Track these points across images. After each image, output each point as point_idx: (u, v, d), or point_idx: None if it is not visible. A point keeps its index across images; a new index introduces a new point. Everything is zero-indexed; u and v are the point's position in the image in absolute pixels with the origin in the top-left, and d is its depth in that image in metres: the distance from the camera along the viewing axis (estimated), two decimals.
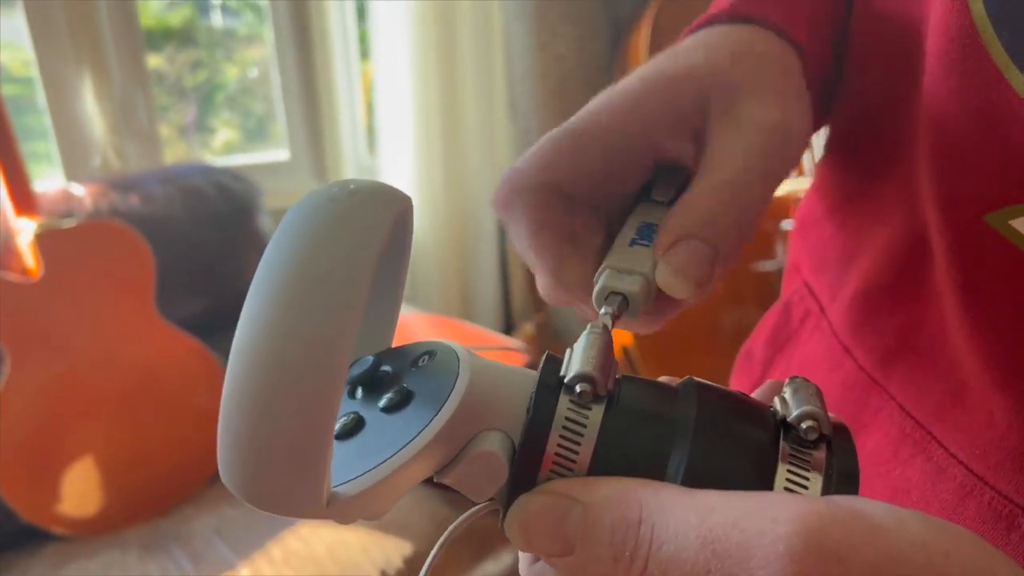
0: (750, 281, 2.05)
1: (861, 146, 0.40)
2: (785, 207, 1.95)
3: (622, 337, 1.94)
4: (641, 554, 0.21)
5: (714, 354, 2.04)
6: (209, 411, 1.44)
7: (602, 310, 0.28)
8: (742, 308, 2.05)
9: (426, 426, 0.23)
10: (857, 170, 0.41)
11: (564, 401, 0.23)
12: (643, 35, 1.91)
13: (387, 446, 0.24)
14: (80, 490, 1.32)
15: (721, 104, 0.31)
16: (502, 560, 1.34)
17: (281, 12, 1.96)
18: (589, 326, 0.26)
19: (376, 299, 0.29)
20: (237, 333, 0.21)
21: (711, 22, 0.37)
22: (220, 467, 0.22)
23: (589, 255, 0.32)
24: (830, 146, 0.44)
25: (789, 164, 0.31)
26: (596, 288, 0.29)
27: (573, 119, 0.32)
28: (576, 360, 0.24)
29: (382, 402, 0.25)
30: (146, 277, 1.37)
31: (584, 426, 0.23)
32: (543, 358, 0.25)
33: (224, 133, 2.17)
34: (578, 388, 0.23)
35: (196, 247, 1.52)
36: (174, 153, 2.04)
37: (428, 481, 0.25)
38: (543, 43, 2.06)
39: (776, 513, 0.20)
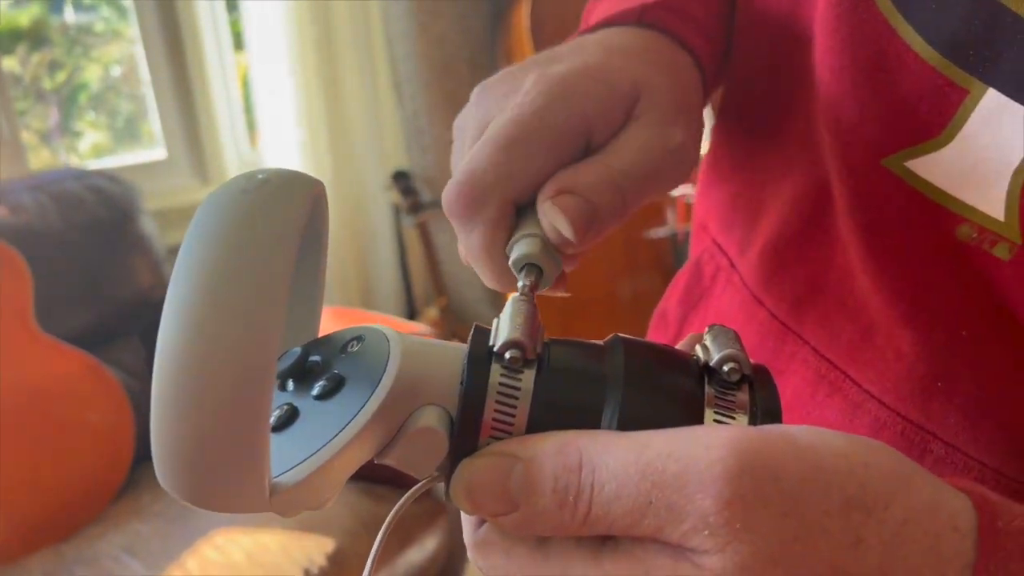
0: (643, 248, 2.11)
1: (757, 104, 0.42)
2: None
3: None
4: (584, 497, 0.22)
5: (613, 321, 2.09)
6: (106, 426, 1.38)
7: (520, 282, 0.29)
8: (637, 275, 2.11)
9: (362, 407, 0.23)
10: (755, 127, 0.42)
11: (496, 369, 0.24)
12: (523, 12, 1.92)
13: (324, 432, 0.23)
14: None
15: (646, 104, 0.32)
16: (426, 547, 1.34)
17: (146, 6, 1.86)
18: (513, 295, 0.27)
19: (299, 288, 0.28)
20: (160, 335, 0.21)
21: (613, 23, 0.37)
22: (157, 471, 0.21)
23: None
24: (726, 106, 0.45)
25: (675, 179, 0.33)
26: (511, 260, 0.30)
27: (512, 115, 0.31)
28: (504, 328, 0.25)
29: (315, 391, 0.25)
30: (22, 292, 1.29)
31: (518, 390, 0.24)
32: (472, 330, 0.25)
33: (91, 136, 2.06)
34: (508, 355, 0.24)
35: (76, 256, 1.45)
36: (39, 159, 1.92)
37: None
38: (423, 24, 2.04)
39: (708, 440, 0.21)
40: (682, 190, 2.02)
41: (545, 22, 1.92)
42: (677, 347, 0.28)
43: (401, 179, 2.08)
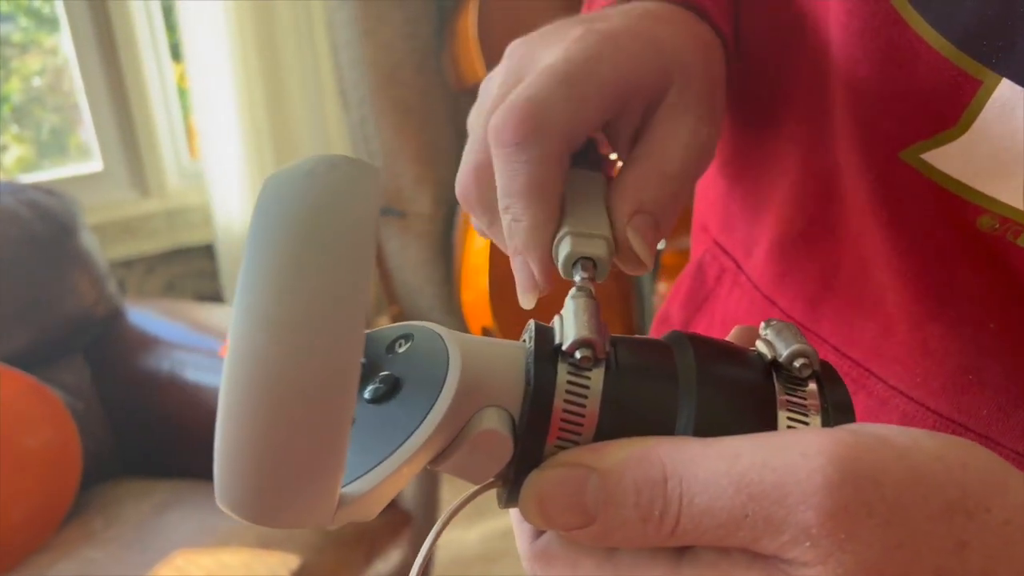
0: None
1: (754, 100, 0.41)
2: None
3: (482, 319, 1.95)
4: (672, 511, 0.21)
5: None
6: (50, 450, 1.32)
7: (577, 277, 0.28)
8: (604, 281, 2.11)
9: (429, 411, 0.22)
10: (746, 122, 0.42)
11: (563, 368, 0.23)
12: (470, 18, 1.91)
13: (389, 439, 0.22)
14: None
15: (679, 88, 0.31)
16: (391, 560, 1.32)
17: (77, 14, 1.80)
18: (572, 292, 0.26)
19: None
20: (233, 339, 0.19)
21: None
22: (218, 487, 0.19)
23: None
24: None
25: (700, 175, 0.32)
26: (563, 254, 0.28)
27: (564, 55, 0.29)
28: (570, 326, 0.24)
29: (367, 393, 0.23)
30: None
31: (587, 388, 0.23)
32: (532, 328, 0.24)
33: (15, 149, 1.97)
34: (578, 354, 0.23)
35: (14, 273, 1.38)
36: None
37: None
38: (368, 30, 2.02)
39: (804, 447, 0.20)
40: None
41: (492, 28, 1.91)
42: (728, 338, 0.27)
43: None
